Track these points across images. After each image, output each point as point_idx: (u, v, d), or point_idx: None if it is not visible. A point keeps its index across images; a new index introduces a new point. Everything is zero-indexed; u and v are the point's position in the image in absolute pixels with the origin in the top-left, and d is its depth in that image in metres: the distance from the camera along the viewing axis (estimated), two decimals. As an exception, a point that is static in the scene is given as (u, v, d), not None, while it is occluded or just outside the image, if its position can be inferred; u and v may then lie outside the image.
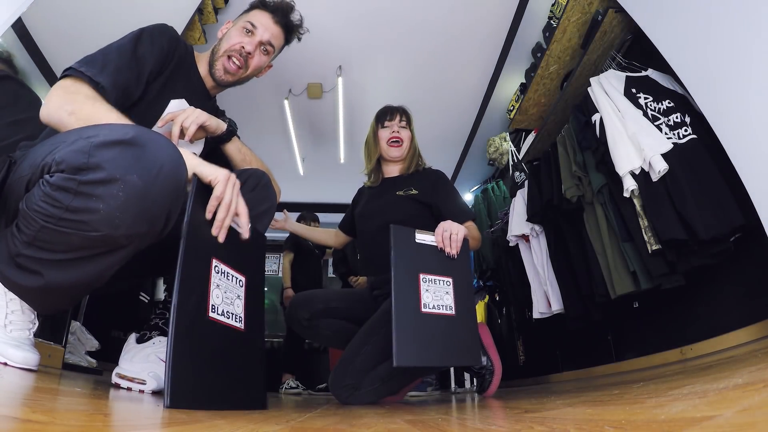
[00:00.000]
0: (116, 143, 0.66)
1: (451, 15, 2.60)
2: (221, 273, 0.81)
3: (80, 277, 0.74)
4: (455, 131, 3.68)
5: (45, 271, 0.72)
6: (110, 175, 0.65)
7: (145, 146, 0.68)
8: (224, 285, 0.82)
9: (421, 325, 1.13)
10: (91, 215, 0.66)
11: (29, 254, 0.71)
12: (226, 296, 0.82)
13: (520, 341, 3.08)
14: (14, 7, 1.27)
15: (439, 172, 1.73)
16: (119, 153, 0.66)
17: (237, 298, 0.85)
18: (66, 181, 0.66)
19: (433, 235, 1.29)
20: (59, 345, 1.66)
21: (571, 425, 0.45)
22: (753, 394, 0.45)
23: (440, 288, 1.20)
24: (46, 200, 0.67)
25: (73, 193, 0.65)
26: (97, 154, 0.65)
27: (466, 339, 1.17)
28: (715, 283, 1.55)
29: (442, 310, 1.17)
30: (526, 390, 1.85)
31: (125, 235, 0.69)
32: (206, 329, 0.75)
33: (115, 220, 0.66)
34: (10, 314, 0.79)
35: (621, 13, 1.81)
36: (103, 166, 0.65)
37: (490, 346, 1.55)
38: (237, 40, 1.18)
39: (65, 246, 0.70)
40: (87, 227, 0.67)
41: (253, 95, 3.26)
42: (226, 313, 0.80)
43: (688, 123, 1.54)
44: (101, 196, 0.65)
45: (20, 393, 0.57)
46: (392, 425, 0.60)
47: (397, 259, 1.19)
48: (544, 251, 2.35)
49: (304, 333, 1.64)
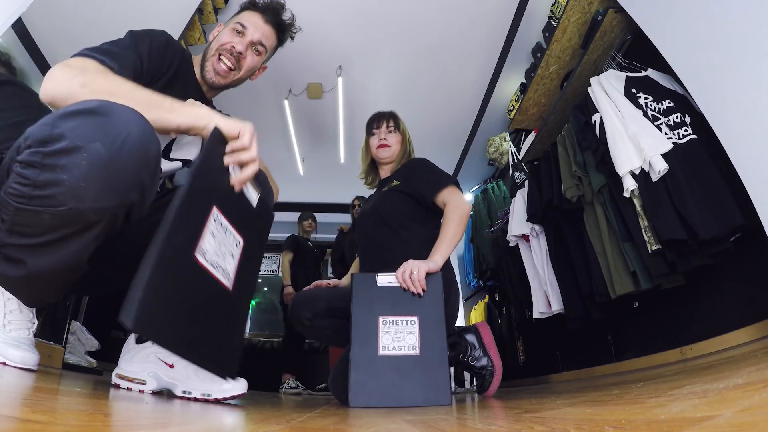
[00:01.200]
0: (79, 112, 0.65)
1: (451, 15, 2.60)
2: (220, 224, 0.79)
3: (58, 260, 0.72)
4: (455, 131, 3.69)
5: (27, 258, 0.71)
6: (72, 143, 0.63)
7: (109, 115, 0.66)
8: (220, 237, 0.79)
9: (378, 367, 1.15)
10: (57, 188, 0.64)
11: (11, 242, 0.70)
12: (219, 249, 0.79)
13: (520, 341, 3.08)
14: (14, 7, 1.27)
15: (417, 158, 1.75)
16: (82, 121, 0.64)
17: (230, 255, 0.82)
18: (32, 155, 0.64)
19: (394, 276, 1.29)
20: (59, 345, 1.66)
21: (571, 425, 0.45)
22: (753, 394, 0.45)
23: (403, 329, 1.20)
24: (17, 180, 0.66)
25: (40, 167, 0.64)
26: (60, 124, 0.64)
27: (432, 378, 1.14)
28: (715, 283, 1.55)
29: (403, 350, 1.17)
30: (526, 390, 1.85)
31: (93, 209, 0.67)
32: (189, 269, 0.71)
33: (79, 191, 0.64)
34: (8, 314, 0.79)
35: (621, 13, 1.81)
36: (65, 135, 0.63)
37: (491, 346, 1.55)
38: (227, 40, 1.16)
39: (39, 228, 0.68)
40: (54, 201, 0.65)
41: (253, 95, 3.26)
42: (214, 264, 0.77)
43: (688, 123, 1.54)
44: (65, 167, 0.63)
45: (20, 393, 0.57)
46: (392, 425, 0.60)
47: (356, 305, 1.23)
48: (544, 251, 2.35)
49: (306, 332, 1.64)
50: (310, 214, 3.85)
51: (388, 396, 1.12)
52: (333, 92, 3.18)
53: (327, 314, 1.55)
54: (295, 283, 3.36)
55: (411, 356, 1.16)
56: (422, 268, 1.28)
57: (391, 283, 1.28)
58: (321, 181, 4.46)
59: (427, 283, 1.26)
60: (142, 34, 1.03)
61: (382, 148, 1.75)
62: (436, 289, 1.26)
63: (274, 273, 5.42)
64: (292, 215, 3.98)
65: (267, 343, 4.27)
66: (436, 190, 1.55)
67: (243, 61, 1.17)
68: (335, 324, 1.56)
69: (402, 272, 1.27)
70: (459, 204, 1.50)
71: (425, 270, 1.28)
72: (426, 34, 2.74)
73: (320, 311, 1.55)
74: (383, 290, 1.27)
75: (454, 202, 1.51)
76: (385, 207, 1.64)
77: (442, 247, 1.41)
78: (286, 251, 3.51)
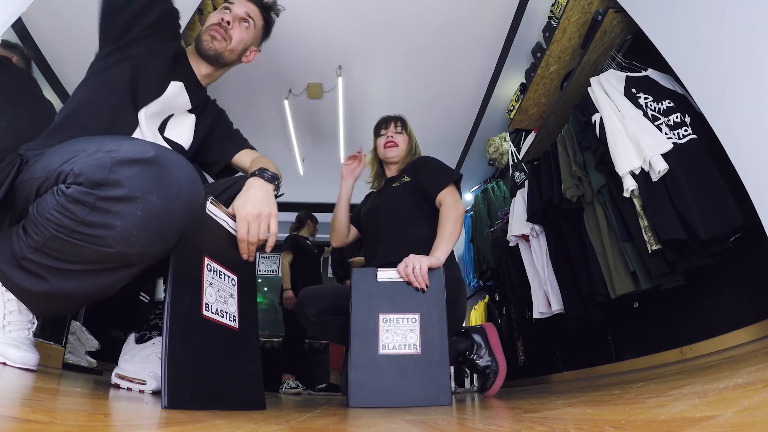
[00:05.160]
0: (137, 161, 0.66)
1: (451, 15, 2.60)
2: (214, 272, 0.81)
3: (88, 288, 0.73)
4: (455, 131, 3.68)
5: (51, 278, 0.72)
6: (130, 193, 0.65)
7: (165, 166, 0.68)
8: (217, 284, 0.82)
9: (377, 367, 1.13)
10: (107, 231, 0.66)
11: (35, 259, 0.71)
12: (220, 295, 0.81)
13: (520, 341, 3.08)
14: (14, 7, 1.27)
15: (425, 156, 1.78)
16: (140, 171, 0.66)
17: (230, 297, 0.85)
18: (84, 194, 0.65)
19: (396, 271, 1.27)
20: (59, 345, 1.66)
21: (571, 425, 0.45)
22: (753, 394, 0.45)
23: (403, 327, 1.17)
24: (60, 210, 0.66)
25: (90, 208, 0.65)
26: (118, 171, 0.65)
27: (432, 378, 1.11)
28: (715, 283, 1.55)
29: (404, 349, 1.15)
30: (526, 390, 1.85)
31: (139, 254, 0.70)
32: (201, 328, 0.74)
33: (131, 239, 0.67)
34: (8, 315, 0.79)
35: (621, 13, 1.81)
36: (123, 183, 0.65)
37: (497, 347, 1.56)
38: (216, 18, 1.23)
39: (75, 257, 0.69)
40: (102, 242, 0.67)
41: (253, 95, 3.26)
42: (220, 311, 0.80)
43: (688, 123, 1.54)
44: (119, 213, 0.65)
45: (20, 393, 0.57)
46: (392, 425, 0.60)
47: (355, 302, 1.20)
48: (544, 251, 2.35)
49: (312, 329, 1.64)
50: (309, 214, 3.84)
51: (388, 396, 1.10)
52: (333, 92, 3.18)
53: (333, 311, 1.55)
54: (295, 284, 3.35)
55: (411, 355, 1.14)
56: (425, 263, 1.26)
57: (392, 279, 1.25)
58: (321, 181, 4.45)
59: (429, 280, 1.25)
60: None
61: (389, 148, 1.78)
62: (438, 285, 1.24)
63: (273, 273, 5.42)
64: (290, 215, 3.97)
65: (267, 343, 4.26)
66: (437, 189, 1.58)
67: (231, 31, 1.22)
68: (341, 321, 1.56)
69: (404, 267, 1.25)
70: (453, 204, 1.52)
71: (428, 265, 1.26)
72: (426, 34, 2.74)
73: (326, 308, 1.55)
74: (384, 286, 1.25)
75: (448, 202, 1.53)
76: (395, 203, 1.66)
77: (443, 244, 1.41)
78: (286, 252, 3.50)
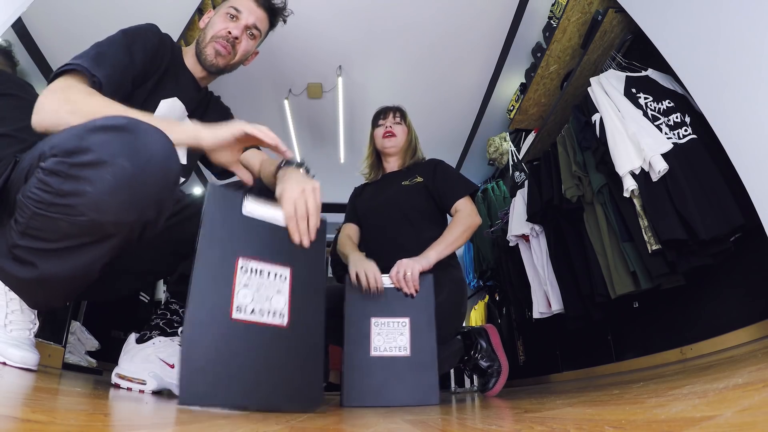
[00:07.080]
0: (108, 128, 0.67)
1: (451, 15, 2.59)
2: (251, 271, 0.79)
3: (71, 268, 0.73)
4: (455, 131, 3.68)
5: (39, 262, 0.72)
6: (99, 157, 0.64)
7: (136, 133, 0.68)
8: (256, 283, 0.79)
9: (369, 368, 1.17)
10: (79, 198, 0.65)
11: (24, 244, 0.72)
12: (259, 294, 0.79)
13: (520, 341, 3.08)
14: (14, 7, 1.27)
15: (438, 160, 1.76)
16: (110, 137, 0.66)
17: (277, 293, 0.82)
18: (58, 164, 0.66)
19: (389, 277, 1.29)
20: (59, 345, 1.66)
21: (571, 425, 0.45)
22: (753, 394, 0.45)
23: (394, 330, 1.22)
24: (39, 186, 0.67)
25: (64, 177, 0.66)
26: (89, 138, 0.66)
27: (422, 378, 1.16)
28: (715, 283, 1.55)
29: (394, 351, 1.19)
30: (526, 390, 1.85)
31: (112, 222, 0.69)
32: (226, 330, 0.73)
33: (102, 205, 0.66)
34: (10, 314, 0.79)
35: (621, 13, 1.81)
36: (92, 148, 0.65)
37: (499, 347, 1.57)
38: (222, 26, 1.16)
39: (55, 234, 0.70)
40: (74, 211, 0.66)
41: (253, 95, 3.26)
42: (260, 311, 0.78)
43: (688, 123, 1.54)
44: (89, 179, 0.65)
45: (20, 393, 0.57)
46: (392, 425, 0.60)
47: (349, 306, 1.24)
48: (544, 251, 2.35)
49: None
50: None
51: (380, 396, 1.14)
52: (333, 92, 3.18)
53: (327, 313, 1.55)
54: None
55: (401, 357, 1.18)
56: (416, 268, 1.29)
57: (385, 285, 1.29)
58: (321, 181, 4.37)
59: (420, 284, 1.28)
60: (134, 33, 1.02)
61: (387, 138, 1.74)
62: (428, 290, 1.28)
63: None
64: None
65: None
66: (456, 196, 1.56)
67: (238, 45, 1.18)
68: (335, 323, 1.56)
69: (396, 272, 1.28)
70: (470, 213, 1.52)
71: (419, 269, 1.30)
72: (426, 34, 2.74)
73: (329, 309, 1.55)
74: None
75: (466, 211, 1.52)
76: (408, 202, 1.62)
77: (440, 246, 1.42)
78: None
